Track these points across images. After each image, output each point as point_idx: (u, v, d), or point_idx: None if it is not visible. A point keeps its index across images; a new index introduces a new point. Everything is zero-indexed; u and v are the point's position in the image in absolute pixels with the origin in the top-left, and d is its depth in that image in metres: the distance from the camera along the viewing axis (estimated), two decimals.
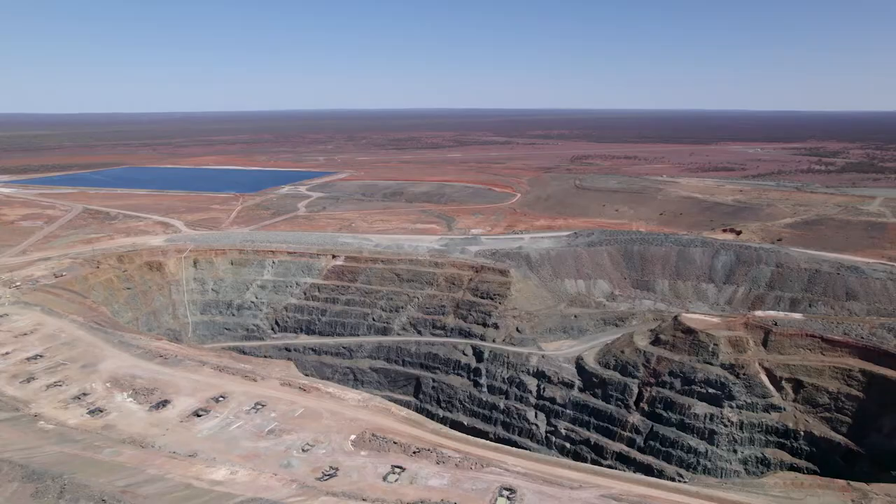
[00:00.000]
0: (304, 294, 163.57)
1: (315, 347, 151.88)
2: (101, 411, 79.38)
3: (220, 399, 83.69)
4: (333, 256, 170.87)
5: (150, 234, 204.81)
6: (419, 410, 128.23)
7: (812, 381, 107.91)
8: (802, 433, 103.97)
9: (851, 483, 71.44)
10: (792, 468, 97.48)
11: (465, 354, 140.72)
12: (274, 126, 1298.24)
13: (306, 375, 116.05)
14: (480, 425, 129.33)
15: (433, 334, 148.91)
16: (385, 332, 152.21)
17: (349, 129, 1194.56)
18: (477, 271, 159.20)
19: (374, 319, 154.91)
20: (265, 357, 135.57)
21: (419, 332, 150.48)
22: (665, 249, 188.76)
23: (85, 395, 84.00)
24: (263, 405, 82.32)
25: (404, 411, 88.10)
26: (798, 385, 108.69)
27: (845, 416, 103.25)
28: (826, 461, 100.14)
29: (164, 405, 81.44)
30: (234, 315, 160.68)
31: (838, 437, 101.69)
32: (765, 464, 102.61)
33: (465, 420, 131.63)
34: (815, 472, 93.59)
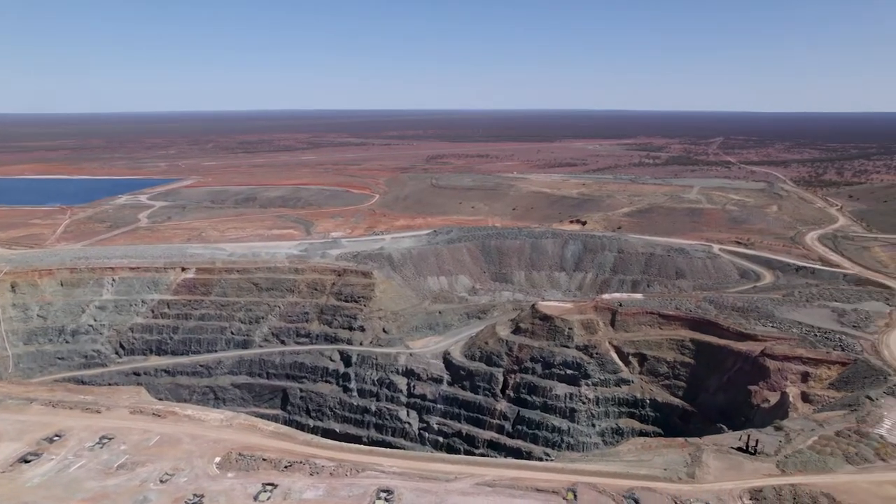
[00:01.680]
0: (152, 312, 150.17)
1: (168, 368, 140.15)
2: None
3: (55, 438, 74.06)
4: (183, 269, 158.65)
5: None
6: (288, 423, 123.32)
7: (653, 353, 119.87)
8: (648, 401, 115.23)
9: (688, 439, 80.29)
10: (641, 434, 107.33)
11: (332, 360, 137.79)
12: (104, 130, 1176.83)
13: (160, 400, 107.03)
14: (353, 430, 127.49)
15: (298, 343, 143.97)
16: (246, 345, 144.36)
17: (193, 132, 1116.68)
18: (339, 275, 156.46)
19: (232, 333, 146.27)
20: (110, 385, 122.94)
21: (283, 342, 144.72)
22: (520, 242, 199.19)
23: None
24: (111, 438, 74.23)
25: (272, 426, 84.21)
26: (642, 358, 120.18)
27: (681, 381, 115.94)
28: (667, 423, 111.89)
29: None
30: (67, 342, 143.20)
31: (676, 401, 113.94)
32: (619, 433, 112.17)
33: (338, 427, 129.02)
34: (659, 435, 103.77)
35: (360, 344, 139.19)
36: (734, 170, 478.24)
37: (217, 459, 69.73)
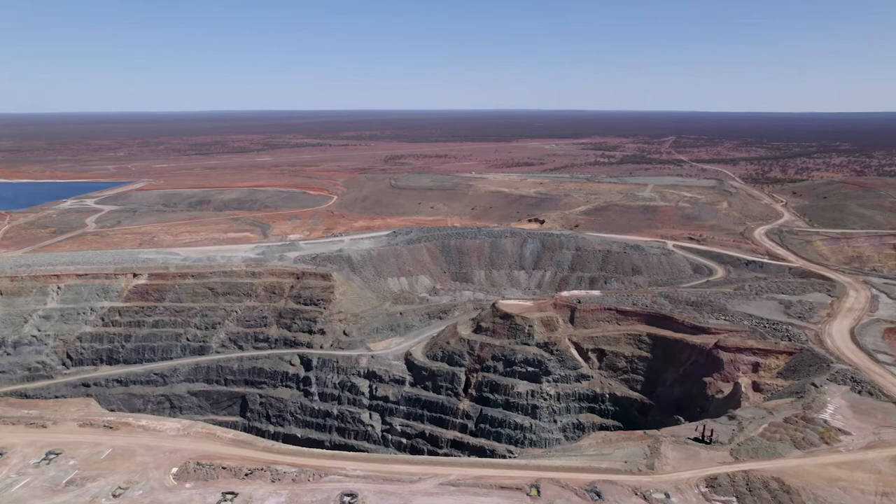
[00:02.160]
0: (103, 320, 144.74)
1: (120, 378, 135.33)
2: None
3: None
4: (135, 275, 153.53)
5: None
6: (248, 430, 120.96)
7: (612, 348, 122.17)
8: (607, 396, 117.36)
9: (647, 432, 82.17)
10: (602, 428, 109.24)
11: (292, 365, 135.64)
12: (46, 131, 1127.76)
13: (112, 411, 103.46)
14: (315, 435, 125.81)
15: (256, 348, 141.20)
16: (202, 351, 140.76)
17: (143, 133, 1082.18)
18: (298, 278, 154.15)
19: (188, 339, 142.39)
20: (57, 398, 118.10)
21: (241, 348, 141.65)
22: (479, 242, 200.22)
23: None
24: (58, 454, 71.27)
25: (231, 433, 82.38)
26: (601, 354, 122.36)
27: (639, 375, 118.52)
28: (627, 417, 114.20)
29: None
30: (9, 354, 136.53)
31: (635, 395, 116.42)
32: (580, 428, 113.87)
33: (299, 432, 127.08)
34: (619, 428, 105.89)
35: (321, 347, 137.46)
36: (686, 168, 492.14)
37: (174, 470, 67.80)
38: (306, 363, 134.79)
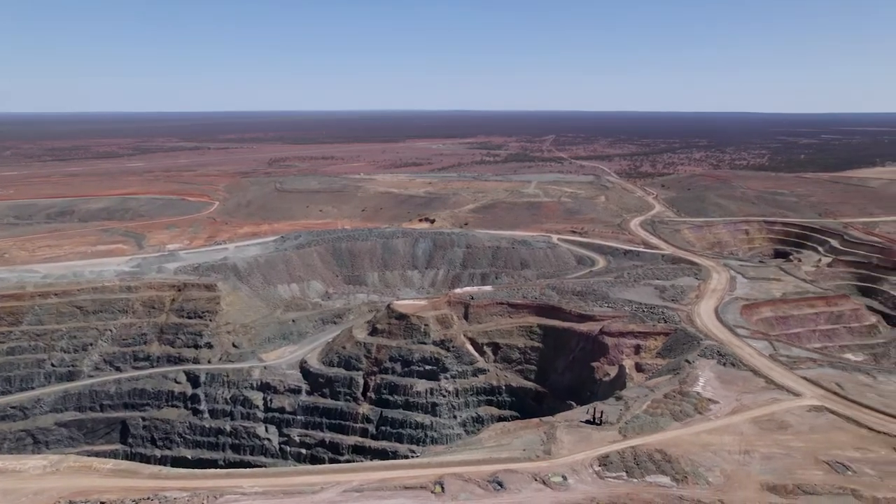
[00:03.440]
0: None
1: None
2: None
3: None
4: None
5: None
6: (130, 457, 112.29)
7: (505, 341, 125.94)
8: (504, 387, 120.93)
9: (542, 419, 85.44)
10: (500, 419, 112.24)
11: (177, 382, 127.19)
12: None
13: None
14: (207, 455, 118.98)
15: (136, 367, 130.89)
16: (72, 376, 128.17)
17: None
18: (179, 290, 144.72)
19: (53, 365, 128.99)
20: None
21: (118, 369, 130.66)
22: (371, 243, 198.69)
23: None
24: None
25: (110, 463, 75.45)
26: (496, 347, 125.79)
27: (532, 365, 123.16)
28: (523, 406, 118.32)
29: None
30: None
31: (529, 384, 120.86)
32: (479, 421, 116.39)
33: (189, 453, 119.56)
34: (517, 418, 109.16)
35: (209, 362, 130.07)
36: (566, 165, 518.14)
37: None
38: (193, 380, 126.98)
